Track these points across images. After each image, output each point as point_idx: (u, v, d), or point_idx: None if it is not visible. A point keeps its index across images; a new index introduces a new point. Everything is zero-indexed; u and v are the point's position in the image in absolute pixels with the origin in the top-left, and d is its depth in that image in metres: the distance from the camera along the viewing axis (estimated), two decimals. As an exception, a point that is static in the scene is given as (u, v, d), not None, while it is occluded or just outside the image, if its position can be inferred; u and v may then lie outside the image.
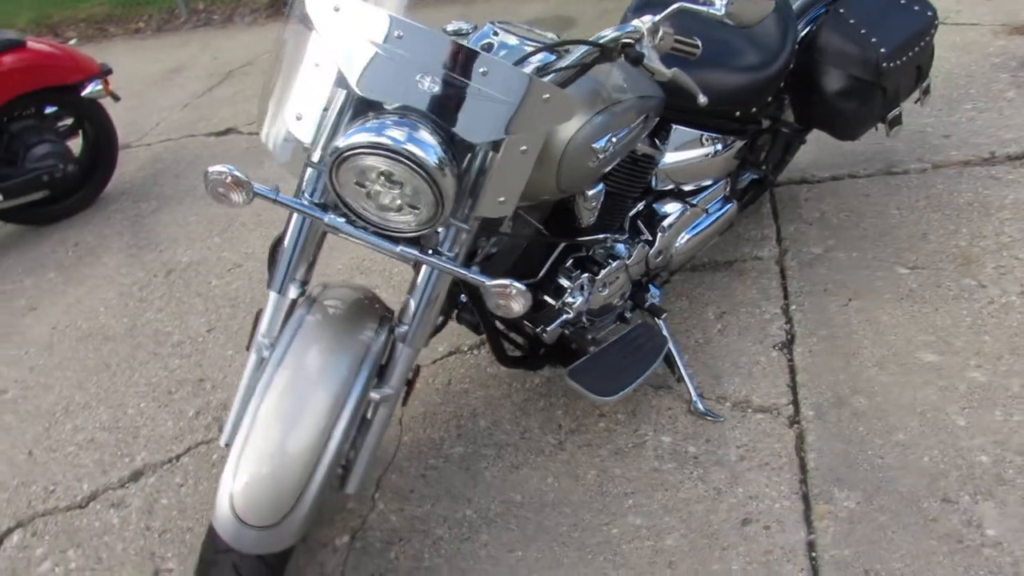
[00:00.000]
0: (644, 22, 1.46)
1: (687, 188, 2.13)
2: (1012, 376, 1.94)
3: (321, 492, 1.43)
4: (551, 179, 1.55)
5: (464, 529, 1.82)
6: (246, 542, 1.39)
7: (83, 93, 3.44)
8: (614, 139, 1.60)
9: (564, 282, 1.87)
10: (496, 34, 1.57)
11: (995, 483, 1.70)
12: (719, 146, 2.11)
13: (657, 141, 1.96)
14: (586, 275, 1.87)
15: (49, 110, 3.56)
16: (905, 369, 2.02)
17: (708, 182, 2.17)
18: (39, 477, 2.16)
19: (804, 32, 2.21)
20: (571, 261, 1.89)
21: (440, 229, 1.48)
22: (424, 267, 1.51)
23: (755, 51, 2.04)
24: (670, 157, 2.03)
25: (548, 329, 1.87)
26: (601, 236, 1.90)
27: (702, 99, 1.64)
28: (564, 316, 1.87)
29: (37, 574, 1.88)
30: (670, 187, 2.09)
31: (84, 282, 3.12)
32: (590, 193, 1.77)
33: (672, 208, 2.08)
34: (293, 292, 1.58)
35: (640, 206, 2.05)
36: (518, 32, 1.57)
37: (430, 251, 1.48)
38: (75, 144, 3.70)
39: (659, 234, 2.04)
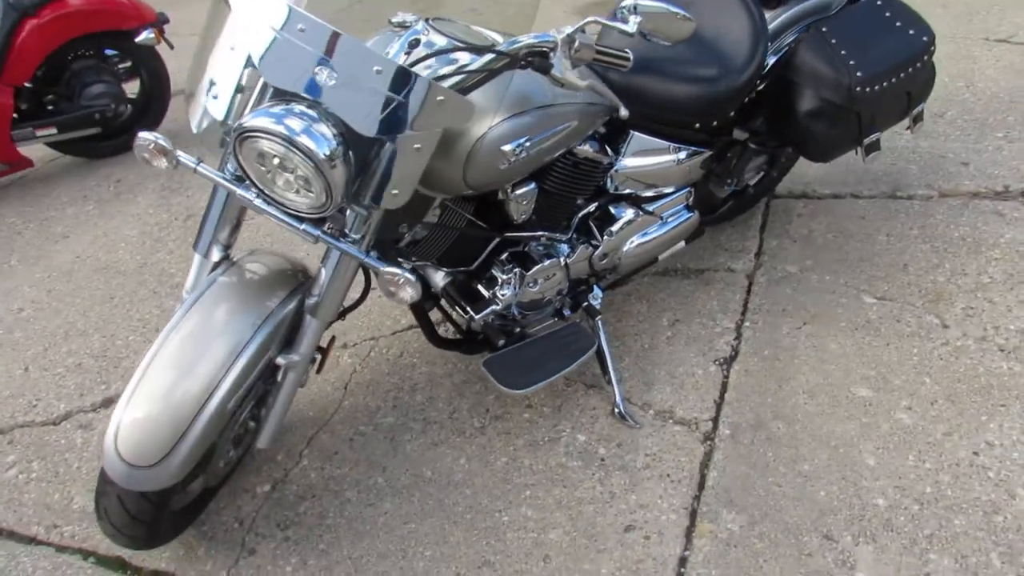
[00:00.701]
0: (559, 32, 1.50)
1: (646, 194, 2.14)
2: (939, 423, 1.90)
3: (203, 440, 1.53)
4: (458, 175, 1.61)
5: (371, 495, 1.93)
6: (125, 478, 1.52)
7: (137, 39, 3.65)
8: (529, 143, 1.64)
9: (497, 273, 1.94)
10: (427, 32, 1.63)
11: (883, 528, 1.69)
12: (682, 155, 2.10)
13: (608, 146, 1.98)
14: (518, 269, 1.93)
15: (109, 53, 3.81)
16: (834, 401, 2.00)
17: (669, 189, 2.18)
18: (27, 392, 2.40)
19: (785, 48, 2.16)
20: (507, 254, 1.95)
21: (349, 212, 1.57)
22: None
23: (718, 64, 2.02)
24: (629, 162, 2.05)
25: (477, 317, 1.94)
26: (537, 233, 1.95)
27: (623, 112, 1.67)
28: (493, 306, 1.94)
29: (3, 478, 2.10)
30: (627, 191, 2.11)
31: (115, 217, 3.37)
32: (521, 191, 1.82)
33: (623, 212, 2.10)
34: (216, 254, 1.71)
35: (592, 207, 2.08)
36: (449, 31, 1.62)
37: (336, 232, 1.57)
38: (132, 87, 3.95)
39: (605, 237, 2.07)
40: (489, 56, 1.48)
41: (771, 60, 2.15)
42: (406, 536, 1.83)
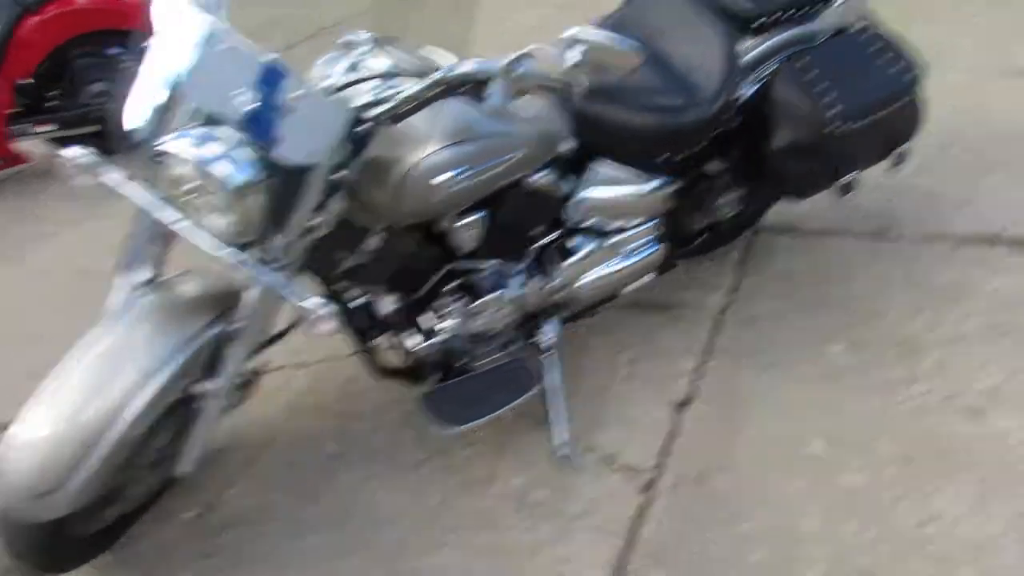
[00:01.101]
0: (499, 61, 1.44)
1: (610, 225, 2.07)
2: (890, 487, 1.80)
3: (106, 467, 1.48)
4: (392, 204, 1.56)
5: (299, 527, 1.89)
6: (16, 505, 1.49)
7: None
8: (467, 173, 1.59)
9: (442, 302, 1.89)
10: (374, 54, 1.58)
11: (812, 601, 1.61)
12: (647, 187, 2.03)
13: (569, 175, 1.92)
14: (463, 300, 1.88)
15: (114, 52, 3.82)
16: (785, 456, 1.92)
17: (635, 221, 2.10)
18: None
19: (763, 80, 2.07)
20: (456, 283, 1.90)
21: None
22: None
23: (685, 95, 1.95)
24: (590, 192, 1.98)
25: (420, 346, 1.89)
26: (487, 262, 1.89)
27: (570, 143, 1.61)
28: (435, 338, 1.89)
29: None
30: (589, 222, 2.04)
31: (104, 219, 3.37)
32: (466, 220, 1.77)
33: (582, 244, 2.04)
34: (142, 274, 1.68)
35: (550, 237, 2.01)
36: (396, 54, 1.57)
37: (261, 259, 1.52)
38: (134, 85, 3.98)
39: (562, 269, 2.01)
40: (421, 84, 1.43)
41: (750, 90, 2.06)
42: (326, 573, 1.79)
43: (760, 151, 2.07)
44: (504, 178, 1.72)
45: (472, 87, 1.44)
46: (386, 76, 1.61)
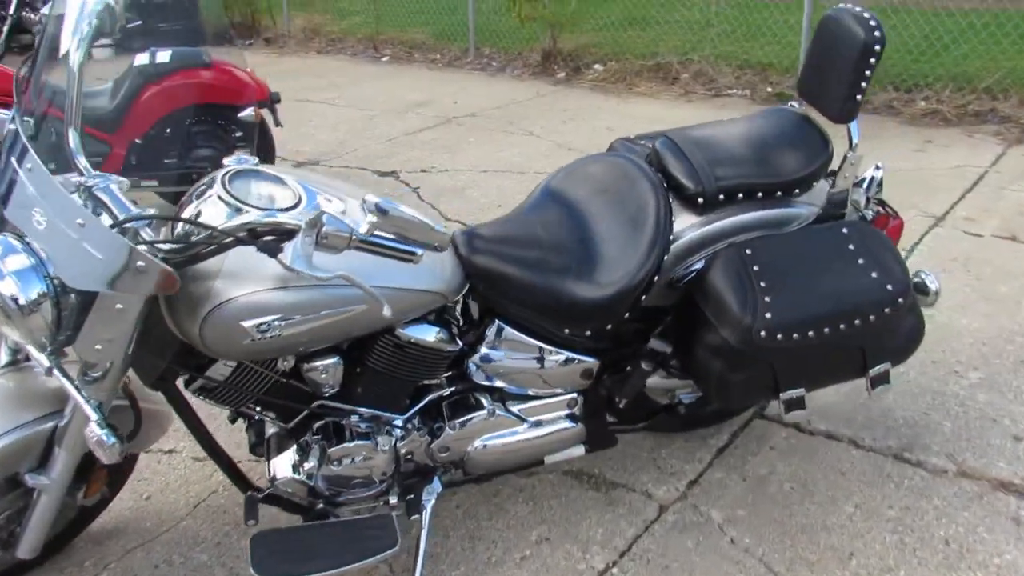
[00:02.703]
0: (307, 213, 1.35)
1: (517, 390, 1.88)
2: None
3: None
4: (198, 336, 1.49)
5: (124, 637, 1.82)
6: None
7: (240, 115, 3.97)
8: (282, 323, 1.49)
9: (309, 439, 1.78)
10: (224, 186, 1.54)
11: None
12: (554, 360, 1.83)
13: (458, 331, 1.77)
14: (323, 443, 1.76)
15: (221, 122, 4.16)
16: None
17: (547, 391, 1.89)
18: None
19: (703, 262, 1.80)
20: (325, 422, 1.79)
21: None
22: None
23: (599, 267, 1.74)
24: (489, 353, 1.82)
25: (278, 479, 1.79)
26: (358, 408, 1.77)
27: (387, 311, 1.46)
28: (294, 474, 1.77)
29: None
30: (494, 383, 1.86)
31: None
32: (317, 363, 1.66)
33: (473, 407, 1.85)
34: (2, 357, 1.72)
35: (440, 392, 1.86)
36: (240, 193, 1.50)
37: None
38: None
39: (448, 429, 1.84)
40: (215, 229, 1.37)
41: (690, 270, 1.81)
42: None
43: (687, 341, 1.80)
44: (346, 333, 1.60)
45: (265, 238, 1.35)
46: (164, 218, 1.53)
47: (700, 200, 1.76)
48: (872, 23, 1.69)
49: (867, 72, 1.71)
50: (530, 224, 1.86)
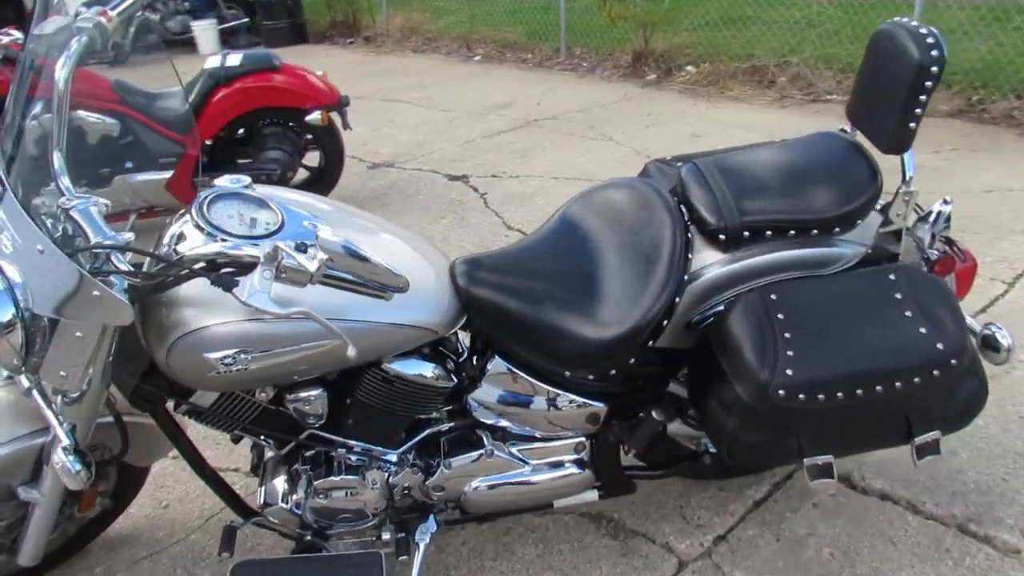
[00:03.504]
0: (265, 246, 1.27)
1: (520, 431, 1.75)
2: None
3: None
4: (164, 363, 1.44)
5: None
6: None
7: (306, 119, 3.99)
8: (249, 357, 1.42)
9: (296, 468, 1.72)
10: (202, 210, 1.47)
11: None
12: (557, 403, 1.69)
13: (440, 367, 1.65)
14: (309, 474, 1.69)
15: (292, 125, 4.20)
16: None
17: (552, 433, 1.75)
18: None
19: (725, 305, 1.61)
20: (311, 452, 1.72)
21: None
22: None
23: (603, 309, 1.58)
24: (488, 392, 1.70)
25: (268, 506, 1.73)
26: (348, 441, 1.69)
27: (351, 352, 1.36)
28: (281, 504, 1.72)
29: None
30: (495, 422, 1.74)
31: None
32: (299, 395, 1.58)
33: (472, 445, 1.74)
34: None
35: (437, 428, 1.75)
36: (219, 217, 1.43)
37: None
38: (315, 158, 4.32)
39: (442, 467, 1.73)
40: (162, 264, 1.32)
41: (710, 312, 1.63)
42: None
43: (701, 392, 1.62)
44: (322, 367, 1.52)
45: (234, 272, 1.28)
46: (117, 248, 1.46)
47: (722, 237, 1.58)
48: (929, 40, 1.46)
49: (921, 97, 1.48)
50: (539, 253, 1.72)
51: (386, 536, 1.79)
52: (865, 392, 1.44)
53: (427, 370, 1.63)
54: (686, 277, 1.57)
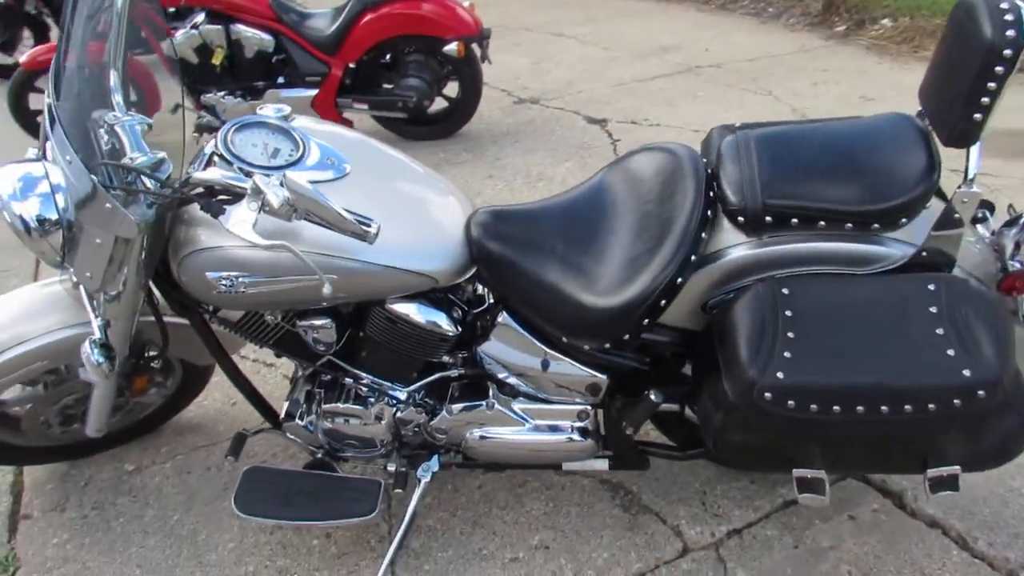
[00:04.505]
0: (259, 179, 1.33)
1: (525, 389, 1.74)
2: None
3: None
4: (177, 277, 1.56)
5: (143, 525, 2.01)
6: None
7: (444, 48, 4.03)
8: (244, 280, 1.50)
9: (308, 387, 1.83)
10: (225, 138, 1.54)
11: None
12: (554, 368, 1.66)
13: (443, 314, 1.66)
14: (320, 395, 1.79)
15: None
16: None
17: (554, 396, 1.73)
18: None
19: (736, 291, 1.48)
20: (327, 376, 1.81)
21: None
22: None
23: (606, 279, 1.50)
24: (491, 347, 1.70)
25: (288, 421, 1.86)
26: (359, 372, 1.76)
27: (326, 289, 1.41)
28: (297, 420, 1.83)
29: None
30: (502, 376, 1.74)
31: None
32: (308, 322, 1.67)
33: (475, 395, 1.75)
34: None
35: (446, 373, 1.78)
36: (242, 146, 1.51)
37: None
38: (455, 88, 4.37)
39: (443, 411, 1.76)
40: (158, 187, 1.41)
41: (723, 296, 1.51)
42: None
43: (698, 378, 1.52)
44: (312, 300, 1.57)
45: (225, 200, 1.35)
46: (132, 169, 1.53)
47: (740, 219, 1.44)
48: (1008, 18, 1.22)
49: (991, 85, 1.24)
50: (566, 212, 1.67)
51: (391, 468, 1.86)
52: (867, 410, 1.29)
53: (429, 316, 1.64)
54: (694, 257, 1.46)
